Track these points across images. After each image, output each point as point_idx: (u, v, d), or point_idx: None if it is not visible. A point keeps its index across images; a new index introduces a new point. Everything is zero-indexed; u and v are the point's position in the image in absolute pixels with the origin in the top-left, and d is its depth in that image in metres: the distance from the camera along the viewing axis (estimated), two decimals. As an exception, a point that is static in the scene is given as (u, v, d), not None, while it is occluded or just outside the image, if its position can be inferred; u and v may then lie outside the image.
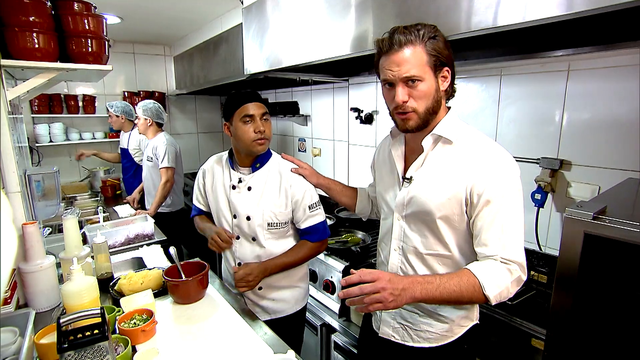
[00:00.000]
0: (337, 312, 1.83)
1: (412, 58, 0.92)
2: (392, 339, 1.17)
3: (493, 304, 0.94)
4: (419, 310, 1.10)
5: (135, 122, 2.96)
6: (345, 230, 2.24)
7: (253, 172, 1.44)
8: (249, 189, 1.43)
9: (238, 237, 1.46)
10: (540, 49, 1.47)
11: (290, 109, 3.13)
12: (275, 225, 1.43)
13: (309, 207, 1.45)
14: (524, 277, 0.97)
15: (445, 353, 1.11)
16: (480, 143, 0.99)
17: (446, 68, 0.95)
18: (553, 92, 1.58)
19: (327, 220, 2.52)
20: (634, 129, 1.37)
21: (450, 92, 1.02)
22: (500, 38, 1.21)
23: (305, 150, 3.27)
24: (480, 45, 1.43)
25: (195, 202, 1.62)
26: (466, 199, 0.97)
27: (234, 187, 1.45)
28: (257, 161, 1.44)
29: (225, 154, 1.53)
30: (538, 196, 1.61)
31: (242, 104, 1.35)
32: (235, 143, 1.41)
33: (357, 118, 2.54)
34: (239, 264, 1.47)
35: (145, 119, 2.87)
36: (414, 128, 0.99)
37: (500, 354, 1.40)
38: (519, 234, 0.96)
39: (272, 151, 1.51)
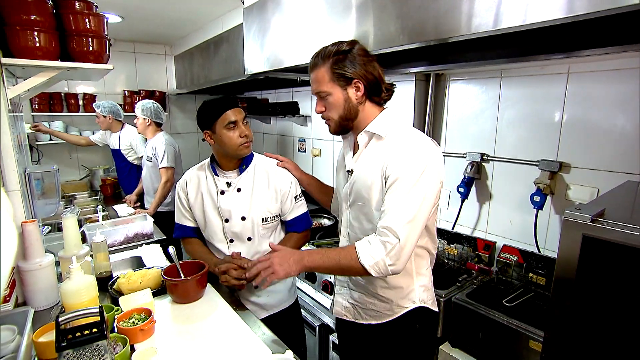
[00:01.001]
0: (335, 312, 1.83)
1: (318, 77, 1.13)
2: (345, 318, 1.32)
3: (373, 274, 1.04)
4: (364, 292, 1.25)
5: (134, 121, 2.97)
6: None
7: (240, 173, 1.47)
8: (239, 190, 1.46)
9: (232, 241, 1.49)
10: (541, 51, 1.47)
11: (291, 109, 3.13)
12: (269, 219, 1.49)
13: (295, 199, 1.53)
14: (400, 256, 1.02)
15: (393, 329, 1.23)
16: (403, 135, 1.12)
17: (355, 81, 1.10)
18: (553, 94, 1.58)
19: (326, 221, 2.55)
20: (633, 132, 1.37)
21: (382, 96, 1.15)
22: (500, 40, 1.21)
23: (305, 150, 3.27)
24: (480, 47, 1.43)
25: (181, 220, 1.56)
26: (383, 182, 1.10)
27: (222, 193, 1.46)
28: (243, 163, 1.48)
29: (205, 163, 1.55)
30: (537, 198, 1.61)
31: (223, 111, 1.37)
32: (219, 149, 1.44)
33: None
34: None
35: (144, 118, 2.87)
36: (334, 132, 1.20)
37: (498, 355, 1.41)
38: (406, 211, 1.03)
39: (252, 151, 1.53)
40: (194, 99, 4.40)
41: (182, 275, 1.38)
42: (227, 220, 1.46)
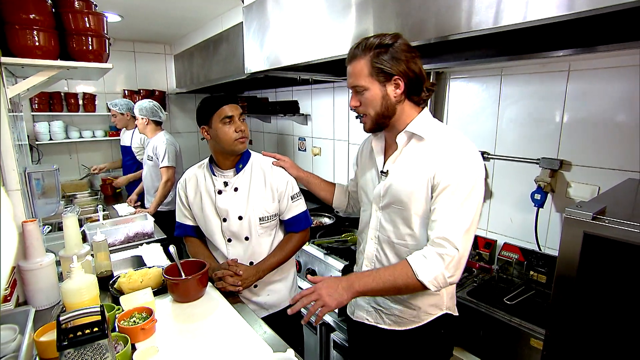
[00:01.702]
0: (336, 311, 1.83)
1: (356, 70, 1.06)
2: (366, 322, 1.28)
3: (432, 289, 1.01)
4: (390, 297, 1.20)
5: (135, 122, 2.98)
6: (345, 229, 2.24)
7: (237, 173, 1.47)
8: (236, 189, 1.46)
9: (230, 240, 1.49)
10: (541, 49, 1.46)
11: (291, 108, 3.13)
12: (266, 219, 1.49)
13: (292, 198, 1.52)
14: (459, 266, 1.00)
15: (417, 336, 1.19)
16: (448, 138, 1.06)
17: (395, 77, 1.03)
18: (553, 92, 1.58)
19: (327, 220, 2.55)
20: (634, 129, 1.37)
21: (422, 95, 1.09)
22: (500, 38, 1.21)
23: (305, 149, 3.27)
24: (481, 44, 1.43)
25: (181, 219, 1.58)
26: (429, 189, 1.05)
27: (219, 192, 1.46)
28: (240, 162, 1.48)
29: (204, 162, 1.55)
30: (538, 196, 1.61)
31: (220, 106, 1.39)
32: (216, 145, 1.45)
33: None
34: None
35: (142, 118, 2.88)
36: (369, 129, 1.14)
37: (499, 353, 1.41)
38: (462, 220, 1.00)
39: (249, 150, 1.54)
40: (194, 98, 4.39)
41: (182, 274, 1.38)
42: (224, 220, 1.47)
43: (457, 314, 1.24)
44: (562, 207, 1.59)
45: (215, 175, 1.48)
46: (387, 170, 1.14)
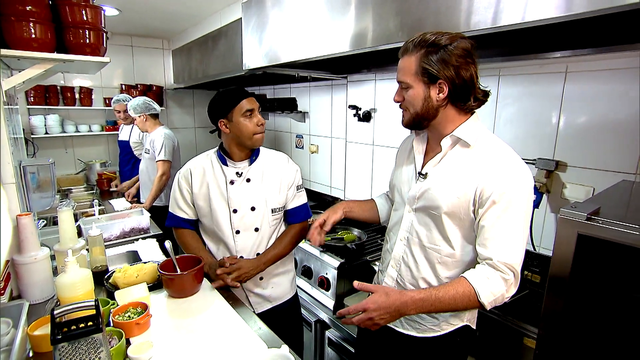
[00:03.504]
0: (331, 308, 1.84)
1: (404, 66, 1.03)
2: None
3: (488, 309, 0.99)
4: None
5: (135, 123, 2.96)
6: (341, 227, 2.24)
7: (251, 164, 1.48)
8: (248, 180, 1.47)
9: (238, 232, 1.48)
10: (539, 50, 1.47)
11: (288, 105, 3.13)
12: (278, 210, 1.52)
13: (297, 188, 1.56)
14: (517, 285, 0.99)
15: (433, 344, 1.16)
16: (496, 148, 1.02)
17: (440, 81, 0.98)
18: (550, 93, 1.58)
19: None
20: (630, 131, 1.38)
21: (468, 104, 1.03)
22: (499, 38, 1.21)
23: (302, 147, 3.27)
24: (479, 45, 1.43)
25: (175, 210, 1.55)
26: (474, 200, 1.00)
27: (232, 182, 1.46)
28: (254, 154, 1.50)
29: (211, 153, 1.54)
30: (533, 197, 1.62)
31: (241, 99, 1.41)
32: (234, 138, 1.44)
33: (355, 115, 2.55)
34: (240, 257, 1.49)
35: (139, 116, 2.87)
36: (405, 125, 1.11)
37: (492, 352, 1.42)
38: (519, 240, 0.98)
39: None
40: (191, 94, 4.38)
41: (178, 269, 1.38)
42: (235, 211, 1.46)
43: (475, 328, 1.20)
44: (557, 207, 1.60)
45: (226, 166, 1.48)
46: (426, 173, 1.10)
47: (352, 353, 1.70)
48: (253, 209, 1.47)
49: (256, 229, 1.49)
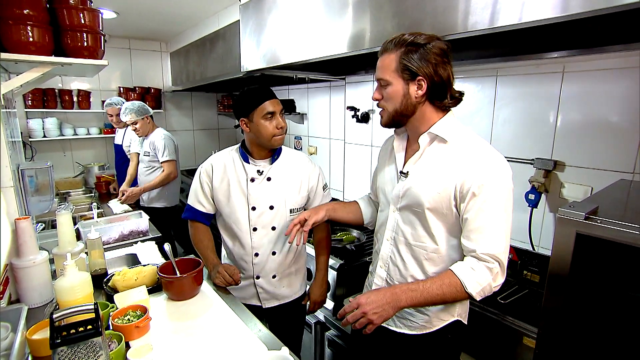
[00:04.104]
0: (331, 309, 1.84)
1: (384, 64, 1.06)
2: None
3: (478, 299, 1.01)
4: None
5: (137, 127, 2.87)
6: (340, 228, 2.24)
7: (272, 163, 1.49)
8: (269, 179, 1.48)
9: (255, 229, 1.49)
10: (536, 50, 1.48)
11: (287, 107, 3.13)
12: (296, 210, 1.52)
13: (323, 188, 1.59)
14: (504, 274, 1.02)
15: (425, 342, 1.17)
16: (473, 143, 1.05)
17: (419, 78, 1.02)
18: (548, 93, 1.59)
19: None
20: (627, 131, 1.39)
21: (445, 102, 1.07)
22: (496, 39, 1.22)
23: (301, 148, 3.27)
24: (476, 45, 1.44)
25: (194, 203, 1.54)
26: (455, 195, 1.03)
27: (252, 180, 1.47)
28: (276, 153, 1.51)
29: (233, 150, 1.54)
30: (532, 196, 1.63)
31: (263, 101, 1.39)
32: (254, 138, 1.45)
33: (353, 117, 2.55)
34: (256, 254, 1.50)
35: (142, 118, 2.83)
36: (384, 124, 1.13)
37: (492, 352, 1.42)
38: (502, 231, 1.00)
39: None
40: (189, 96, 4.37)
41: (177, 272, 1.38)
42: (253, 209, 1.47)
43: (466, 323, 1.21)
44: (556, 207, 1.61)
45: (248, 163, 1.48)
46: (407, 171, 1.13)
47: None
48: (272, 207, 1.47)
49: (273, 228, 1.49)
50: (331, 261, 1.88)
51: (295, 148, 3.33)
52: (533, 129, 1.66)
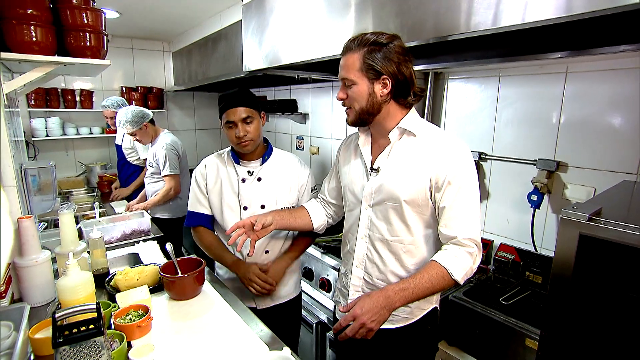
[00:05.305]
0: (332, 309, 1.84)
1: (347, 63, 1.07)
2: None
3: (462, 283, 1.06)
4: None
5: (137, 138, 2.74)
6: (341, 229, 2.24)
7: (262, 164, 1.51)
8: (259, 179, 1.50)
9: None
10: (539, 50, 1.47)
11: (289, 107, 3.13)
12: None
13: (311, 189, 1.60)
14: (480, 254, 1.08)
15: (407, 333, 1.20)
16: (440, 136, 1.10)
17: (384, 77, 1.04)
18: (551, 93, 1.58)
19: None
20: (630, 132, 1.38)
21: (408, 99, 1.10)
22: (499, 39, 1.21)
23: (303, 148, 3.27)
24: (479, 45, 1.43)
25: (195, 207, 1.55)
26: (431, 185, 1.07)
27: (243, 180, 1.49)
28: (265, 154, 1.53)
29: (225, 152, 1.58)
30: (534, 197, 1.62)
31: (226, 109, 1.42)
32: None
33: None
34: (248, 253, 1.46)
35: (140, 128, 2.64)
36: (351, 123, 1.15)
37: (494, 353, 1.41)
38: (475, 215, 1.07)
39: (270, 144, 1.58)
40: (192, 96, 4.38)
41: (179, 272, 1.38)
42: (245, 208, 1.49)
43: (439, 308, 1.26)
44: (559, 208, 1.60)
45: (238, 164, 1.51)
46: (379, 167, 1.15)
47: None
48: (263, 207, 1.49)
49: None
50: (331, 261, 1.88)
51: (297, 148, 3.33)
52: (536, 129, 1.65)
